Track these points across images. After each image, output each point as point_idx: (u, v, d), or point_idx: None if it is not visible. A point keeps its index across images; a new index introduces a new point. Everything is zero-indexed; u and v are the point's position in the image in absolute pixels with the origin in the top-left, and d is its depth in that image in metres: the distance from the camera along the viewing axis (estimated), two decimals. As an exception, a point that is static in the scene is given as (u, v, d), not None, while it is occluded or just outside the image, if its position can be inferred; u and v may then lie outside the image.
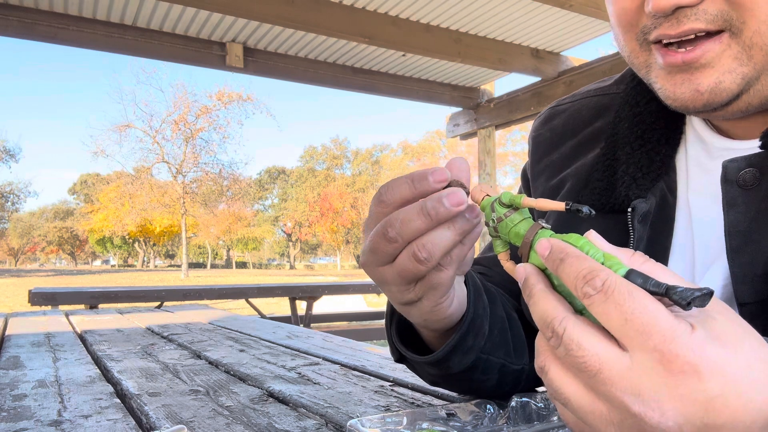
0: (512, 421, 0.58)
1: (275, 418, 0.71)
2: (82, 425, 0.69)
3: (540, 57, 5.13)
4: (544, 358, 0.36)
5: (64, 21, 4.30)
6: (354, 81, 5.51)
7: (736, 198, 0.53)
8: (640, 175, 0.61)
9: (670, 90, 0.54)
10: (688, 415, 0.30)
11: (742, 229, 0.52)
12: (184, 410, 0.75)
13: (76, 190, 55.62)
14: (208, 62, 4.92)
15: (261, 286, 6.03)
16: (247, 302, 6.24)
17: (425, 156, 40.54)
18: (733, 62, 0.50)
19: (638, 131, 0.64)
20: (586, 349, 0.33)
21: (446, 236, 0.46)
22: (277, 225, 58.19)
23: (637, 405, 0.31)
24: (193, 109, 33.02)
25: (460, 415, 0.59)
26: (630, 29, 0.55)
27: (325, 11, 4.15)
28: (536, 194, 0.75)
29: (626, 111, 0.66)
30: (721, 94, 0.51)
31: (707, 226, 0.58)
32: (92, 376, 1.01)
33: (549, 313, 0.35)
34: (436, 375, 0.65)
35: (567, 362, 0.34)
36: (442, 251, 0.46)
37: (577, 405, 0.34)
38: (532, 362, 0.73)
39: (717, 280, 0.55)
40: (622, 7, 0.55)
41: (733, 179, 0.53)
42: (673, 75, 0.53)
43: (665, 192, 0.61)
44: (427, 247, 0.46)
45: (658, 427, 0.31)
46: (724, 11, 0.49)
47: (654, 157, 0.62)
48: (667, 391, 0.30)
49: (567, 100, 0.78)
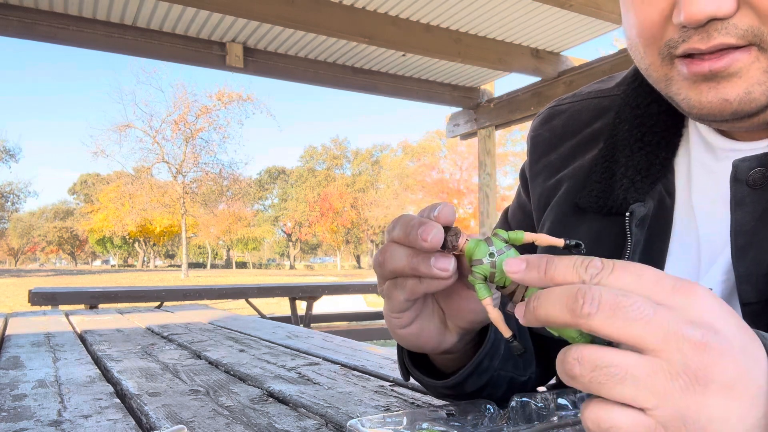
0: (512, 421, 0.58)
1: (275, 418, 0.71)
2: (82, 425, 0.69)
3: (540, 57, 5.13)
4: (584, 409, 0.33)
5: (64, 21, 4.30)
6: (354, 81, 5.51)
7: (745, 197, 0.53)
8: (639, 178, 0.61)
9: (696, 99, 0.52)
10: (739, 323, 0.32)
11: (748, 229, 0.52)
12: (184, 410, 0.75)
13: (76, 190, 55.61)
14: (208, 62, 4.92)
15: (261, 286, 6.03)
16: (247, 302, 6.24)
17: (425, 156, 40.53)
18: (763, 75, 0.49)
19: (638, 133, 0.63)
20: (609, 358, 0.31)
21: (408, 260, 0.47)
22: (277, 225, 58.18)
23: (697, 331, 0.31)
24: (193, 109, 33.04)
25: (460, 415, 0.59)
26: (653, 42, 0.53)
27: (325, 11, 4.15)
28: (534, 194, 0.74)
29: (626, 113, 0.66)
30: (750, 105, 0.50)
31: (712, 227, 0.57)
32: (92, 376, 1.01)
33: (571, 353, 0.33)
34: (449, 394, 0.66)
35: (604, 389, 0.32)
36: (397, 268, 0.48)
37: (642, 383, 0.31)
38: (538, 369, 0.73)
39: (718, 280, 0.55)
40: (647, 19, 0.53)
41: (743, 178, 0.53)
42: (698, 84, 0.52)
43: (663, 195, 0.61)
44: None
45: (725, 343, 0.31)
46: (754, 27, 0.48)
47: (653, 160, 0.61)
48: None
49: (567, 100, 0.77)
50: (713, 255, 0.57)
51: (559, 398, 0.58)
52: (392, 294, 0.50)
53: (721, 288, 0.55)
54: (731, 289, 0.53)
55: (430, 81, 5.86)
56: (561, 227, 0.67)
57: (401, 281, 0.49)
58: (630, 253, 0.59)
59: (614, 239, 0.61)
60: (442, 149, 38.90)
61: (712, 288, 0.56)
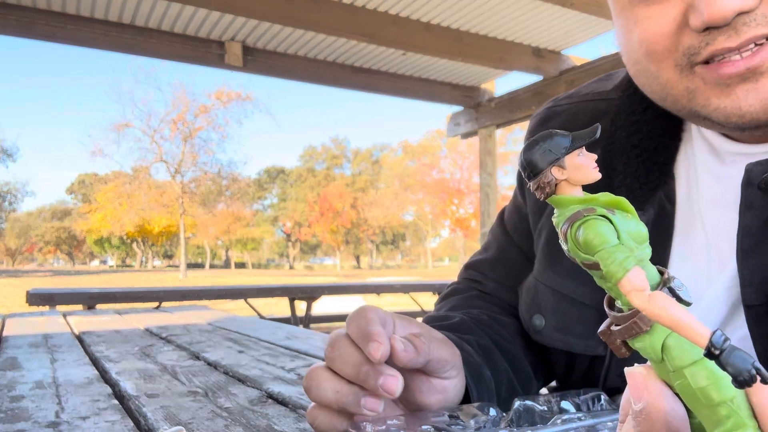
0: (515, 424, 0.57)
1: (274, 420, 0.70)
2: (80, 426, 0.68)
3: (541, 56, 5.12)
4: None
5: (62, 20, 4.29)
6: (354, 80, 5.50)
7: (755, 201, 0.51)
8: (637, 186, 0.59)
9: (734, 105, 0.48)
10: None
11: (755, 231, 0.51)
12: (182, 411, 0.74)
13: (73, 190, 55.60)
14: (207, 61, 4.91)
15: (260, 287, 6.02)
16: (246, 303, 6.23)
17: (426, 155, 40.56)
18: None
19: (635, 140, 0.61)
20: None
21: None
22: (276, 225, 58.20)
23: None
24: (191, 109, 33.04)
25: (463, 417, 0.58)
26: (667, 56, 0.50)
27: (324, 10, 4.14)
28: (530, 197, 0.72)
29: (622, 119, 0.64)
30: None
31: (719, 233, 0.56)
32: (90, 377, 1.00)
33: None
34: None
35: None
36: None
37: None
38: (542, 379, 0.72)
39: (726, 286, 0.54)
40: (658, 32, 0.49)
41: (756, 182, 0.51)
42: (733, 88, 0.47)
43: (663, 201, 0.59)
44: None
45: None
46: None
47: (651, 167, 0.59)
48: None
49: (564, 102, 0.75)
50: (722, 261, 0.56)
51: (562, 401, 0.57)
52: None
53: (729, 294, 0.54)
54: (739, 295, 0.52)
55: (431, 80, 5.86)
56: (557, 242, 0.66)
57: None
58: None
59: None
60: (442, 149, 38.94)
61: (720, 294, 0.55)
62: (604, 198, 0.25)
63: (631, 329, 0.24)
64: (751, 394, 0.22)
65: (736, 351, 0.21)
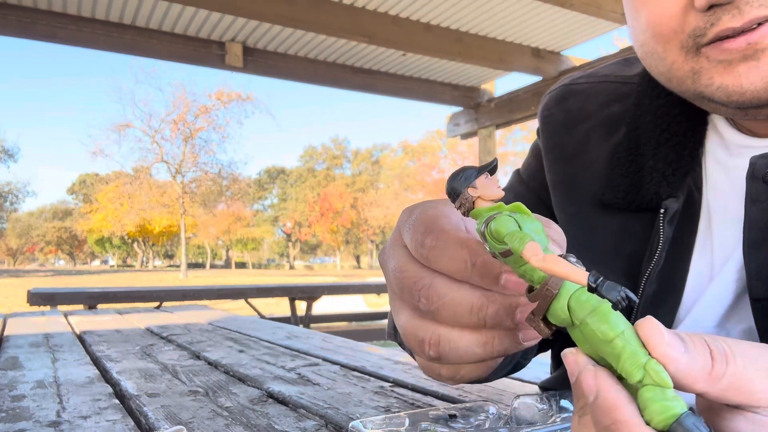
0: (514, 422, 0.58)
1: (275, 419, 0.70)
2: (81, 426, 0.69)
3: (541, 56, 5.13)
4: None
5: (62, 20, 4.29)
6: (354, 80, 5.51)
7: (760, 194, 0.51)
8: (670, 171, 0.57)
9: (736, 83, 0.48)
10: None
11: (762, 225, 0.51)
12: (183, 411, 0.74)
13: (74, 190, 55.60)
14: (208, 61, 4.91)
15: (260, 287, 6.03)
16: (246, 302, 6.23)
17: (425, 156, 40.57)
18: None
19: (663, 124, 0.60)
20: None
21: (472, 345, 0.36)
22: (276, 225, 58.19)
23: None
24: (192, 109, 33.06)
25: (462, 416, 0.58)
26: (673, 37, 0.50)
27: (324, 10, 4.14)
28: (549, 173, 0.70)
29: (647, 103, 0.62)
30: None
31: (725, 225, 0.56)
32: (91, 376, 1.00)
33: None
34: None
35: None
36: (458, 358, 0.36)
37: None
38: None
39: (732, 278, 0.54)
40: (665, 13, 0.49)
41: (760, 176, 0.51)
42: (735, 66, 0.48)
43: (692, 189, 0.58)
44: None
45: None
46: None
47: (681, 152, 0.58)
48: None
49: (582, 80, 0.72)
50: (727, 253, 0.55)
51: (561, 400, 0.58)
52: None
53: (734, 287, 0.54)
54: (744, 287, 0.52)
55: (431, 80, 5.86)
56: (581, 225, 0.64)
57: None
58: (660, 251, 0.57)
59: (641, 236, 0.58)
60: (442, 149, 38.95)
61: (725, 286, 0.55)
62: (507, 206, 0.33)
63: (545, 297, 0.29)
64: (637, 328, 0.27)
65: (608, 283, 0.26)
